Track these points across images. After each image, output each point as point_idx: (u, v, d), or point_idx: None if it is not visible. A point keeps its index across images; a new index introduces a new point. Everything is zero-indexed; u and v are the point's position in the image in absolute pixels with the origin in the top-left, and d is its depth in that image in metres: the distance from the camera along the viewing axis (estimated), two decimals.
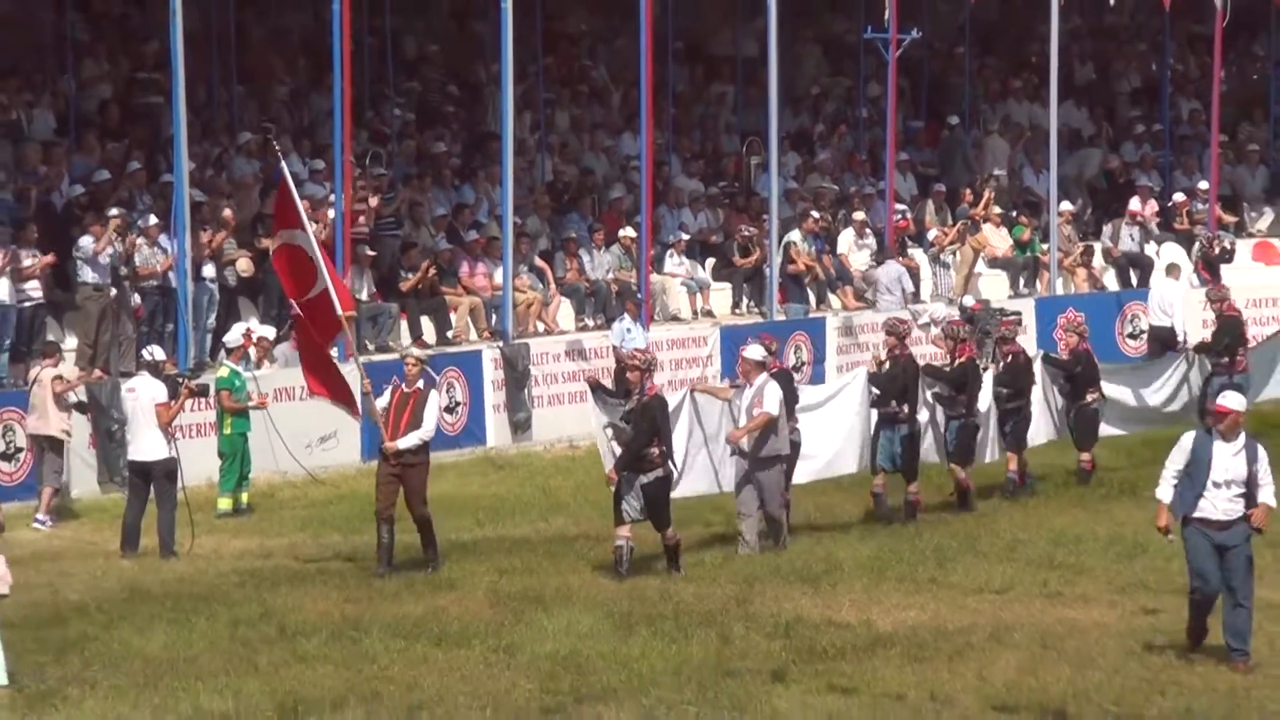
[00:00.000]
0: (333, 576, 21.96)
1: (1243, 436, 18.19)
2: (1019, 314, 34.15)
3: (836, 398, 26.26)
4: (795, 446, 24.19)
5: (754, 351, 23.57)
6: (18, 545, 23.49)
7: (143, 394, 23.91)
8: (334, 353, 24.81)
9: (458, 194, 35.22)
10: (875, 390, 25.59)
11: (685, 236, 36.07)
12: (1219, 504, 18.01)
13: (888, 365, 25.75)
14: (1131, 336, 31.23)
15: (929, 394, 26.04)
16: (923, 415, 26.34)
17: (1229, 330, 29.64)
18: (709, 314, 35.21)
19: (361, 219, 31.60)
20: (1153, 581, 21.66)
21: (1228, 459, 18.04)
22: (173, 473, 23.77)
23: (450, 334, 32.29)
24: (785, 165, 37.59)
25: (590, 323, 33.70)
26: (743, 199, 37.98)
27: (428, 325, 32.23)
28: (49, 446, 25.49)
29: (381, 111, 36.13)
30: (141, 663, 18.42)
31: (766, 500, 23.26)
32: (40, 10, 33.66)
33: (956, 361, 26.11)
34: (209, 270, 29.76)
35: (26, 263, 27.97)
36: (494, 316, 32.55)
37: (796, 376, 27.61)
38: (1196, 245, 40.76)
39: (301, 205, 24.38)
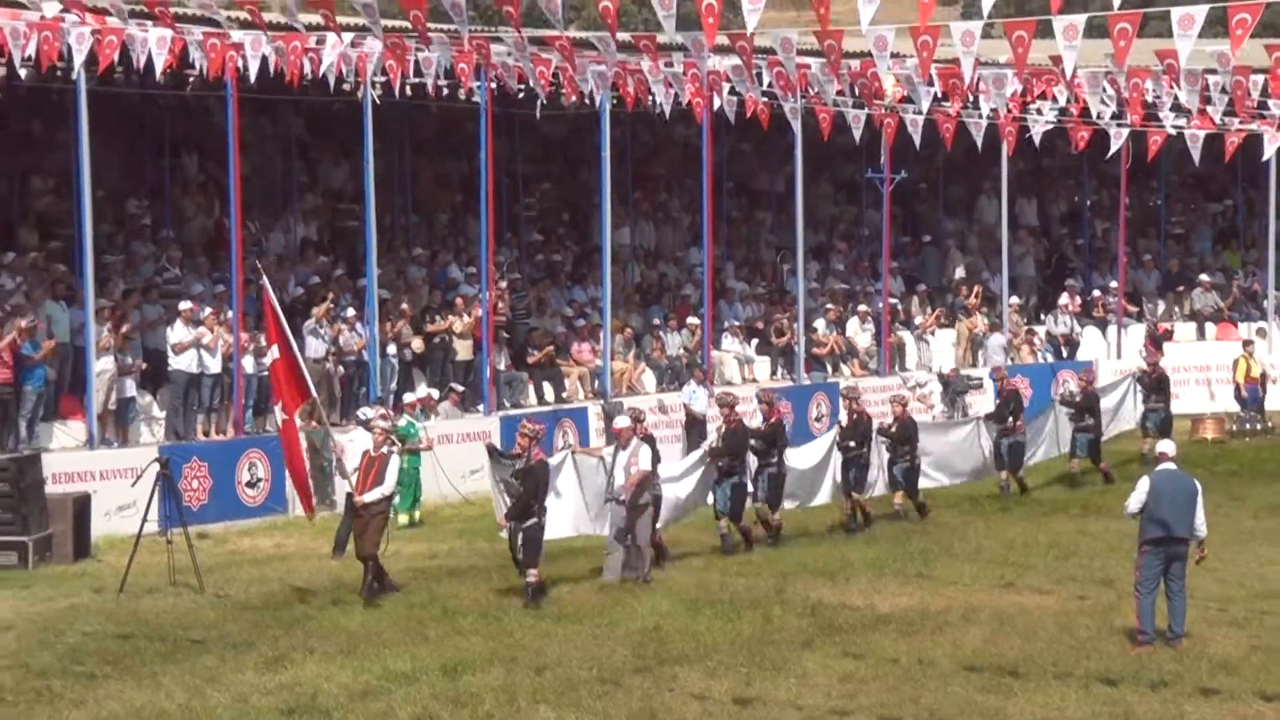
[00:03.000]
0: (481, 572, 21.95)
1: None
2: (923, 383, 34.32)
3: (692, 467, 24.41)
4: (657, 499, 22.23)
5: (621, 421, 22.40)
6: (259, 550, 23.99)
7: (359, 443, 23.59)
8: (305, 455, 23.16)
9: (571, 292, 35.27)
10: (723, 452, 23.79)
11: (736, 323, 36.06)
12: None
13: (725, 431, 24.12)
14: (1063, 401, 30.74)
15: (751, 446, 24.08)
16: (813, 458, 25.88)
17: (1011, 401, 29.03)
18: (754, 380, 35.21)
19: (500, 310, 31.83)
20: (1081, 575, 21.67)
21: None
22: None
23: (564, 395, 32.37)
24: (809, 271, 37.66)
25: (667, 386, 33.71)
26: (778, 295, 37.99)
27: (548, 389, 32.36)
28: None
29: (516, 232, 36.24)
30: (344, 635, 18.55)
31: (637, 538, 21.46)
32: (274, 162, 33.94)
33: (768, 422, 24.73)
34: (391, 349, 29.92)
35: (264, 342, 28.10)
36: (596, 382, 32.68)
37: (816, 426, 27.17)
38: (1145, 327, 40.81)
39: (282, 322, 22.03)
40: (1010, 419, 28.51)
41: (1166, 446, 18.79)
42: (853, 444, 25.57)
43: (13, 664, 17.15)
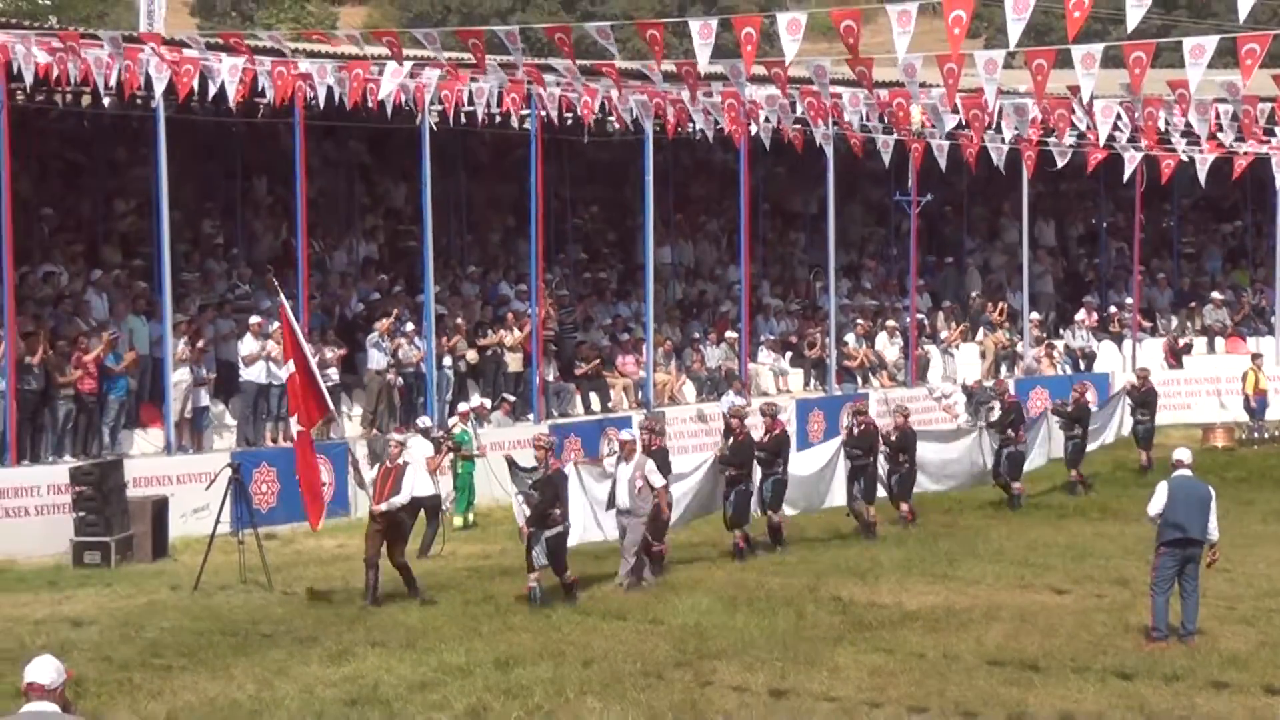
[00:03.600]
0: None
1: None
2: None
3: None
4: (670, 506, 21.97)
5: (627, 434, 22.11)
6: (323, 550, 24.00)
7: (417, 450, 24.00)
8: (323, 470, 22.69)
9: (615, 308, 35.32)
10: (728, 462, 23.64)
11: (772, 337, 36.06)
12: None
13: (732, 442, 24.04)
14: (1055, 411, 30.43)
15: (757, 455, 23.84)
16: (815, 464, 25.56)
17: (1013, 412, 28.78)
18: (788, 391, 35.21)
19: (549, 325, 31.89)
20: (1097, 575, 21.61)
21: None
22: (437, 504, 23.96)
23: (609, 405, 32.40)
24: (840, 288, 37.62)
25: (706, 396, 33.66)
26: (810, 311, 37.97)
27: (594, 399, 32.41)
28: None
29: (564, 250, 36.32)
30: (404, 630, 18.58)
31: (639, 542, 21.01)
32: (338, 185, 34.09)
33: (771, 434, 24.42)
34: (447, 361, 30.00)
35: (329, 355, 28.31)
36: (640, 392, 32.71)
37: (843, 435, 26.79)
38: (1166, 341, 40.79)
39: (299, 338, 21.65)
40: (1011, 430, 28.30)
41: (1183, 454, 18.69)
42: (859, 453, 25.43)
43: (95, 657, 17.24)
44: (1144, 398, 31.51)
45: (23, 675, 9.82)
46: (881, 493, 26.05)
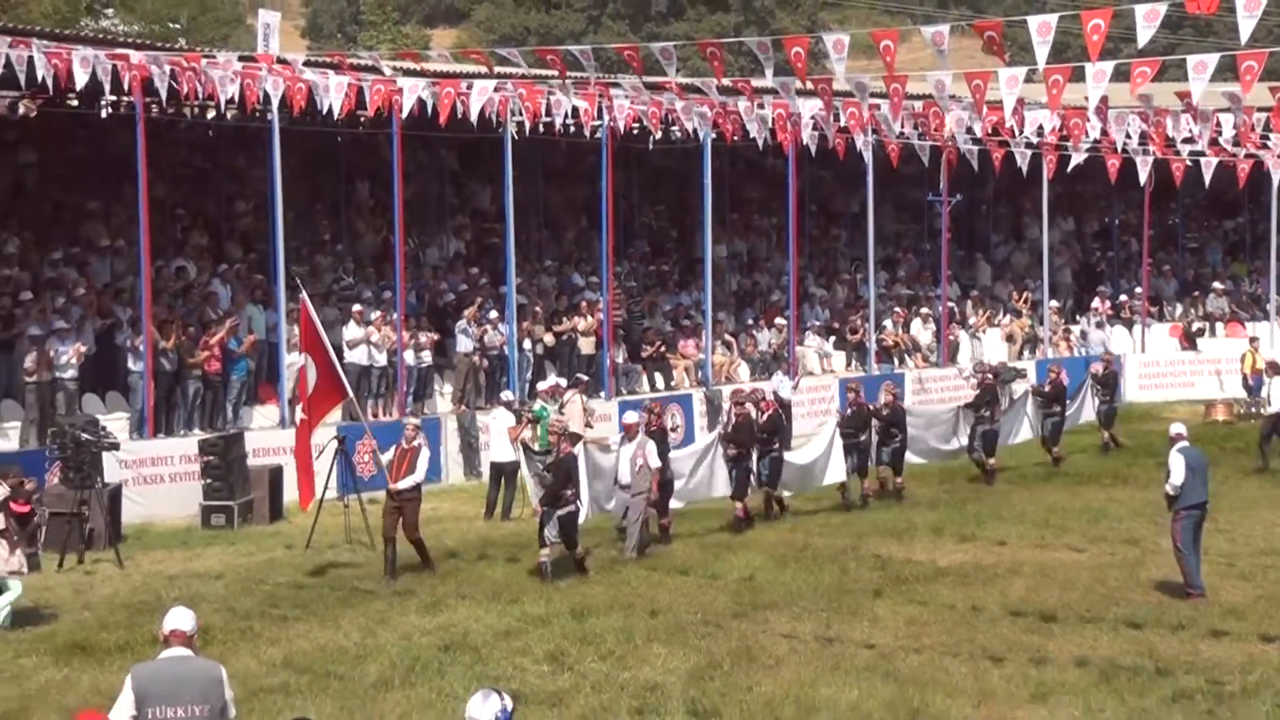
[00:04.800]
0: (603, 532, 21.76)
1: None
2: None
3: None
4: (669, 484, 21.54)
5: (630, 417, 21.37)
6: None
7: (501, 421, 24.10)
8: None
9: (677, 297, 35.23)
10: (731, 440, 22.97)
11: (817, 323, 35.90)
12: None
13: (734, 422, 23.18)
14: (1035, 391, 29.93)
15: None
16: (813, 453, 24.81)
17: (988, 394, 27.78)
18: (832, 371, 35.10)
19: (618, 312, 31.88)
20: (1110, 536, 21.51)
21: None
22: (515, 470, 24.01)
23: (672, 384, 32.35)
24: (878, 279, 37.42)
25: (759, 376, 33.50)
26: (852, 300, 37.83)
27: (659, 379, 32.39)
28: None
29: (631, 246, 36.31)
30: (490, 584, 18.71)
31: (641, 517, 20.45)
32: (430, 188, 34.16)
33: (766, 415, 23.55)
34: (527, 345, 30.03)
35: (423, 339, 28.40)
36: (699, 372, 32.65)
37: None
38: (1182, 326, 40.54)
39: (319, 332, 20.64)
40: (985, 409, 27.59)
41: (1180, 428, 18.55)
42: (853, 431, 25.02)
43: (221, 608, 17.42)
44: (1105, 380, 31.08)
45: (161, 624, 9.94)
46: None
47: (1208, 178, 33.29)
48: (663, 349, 32.68)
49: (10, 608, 16.86)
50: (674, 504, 22.25)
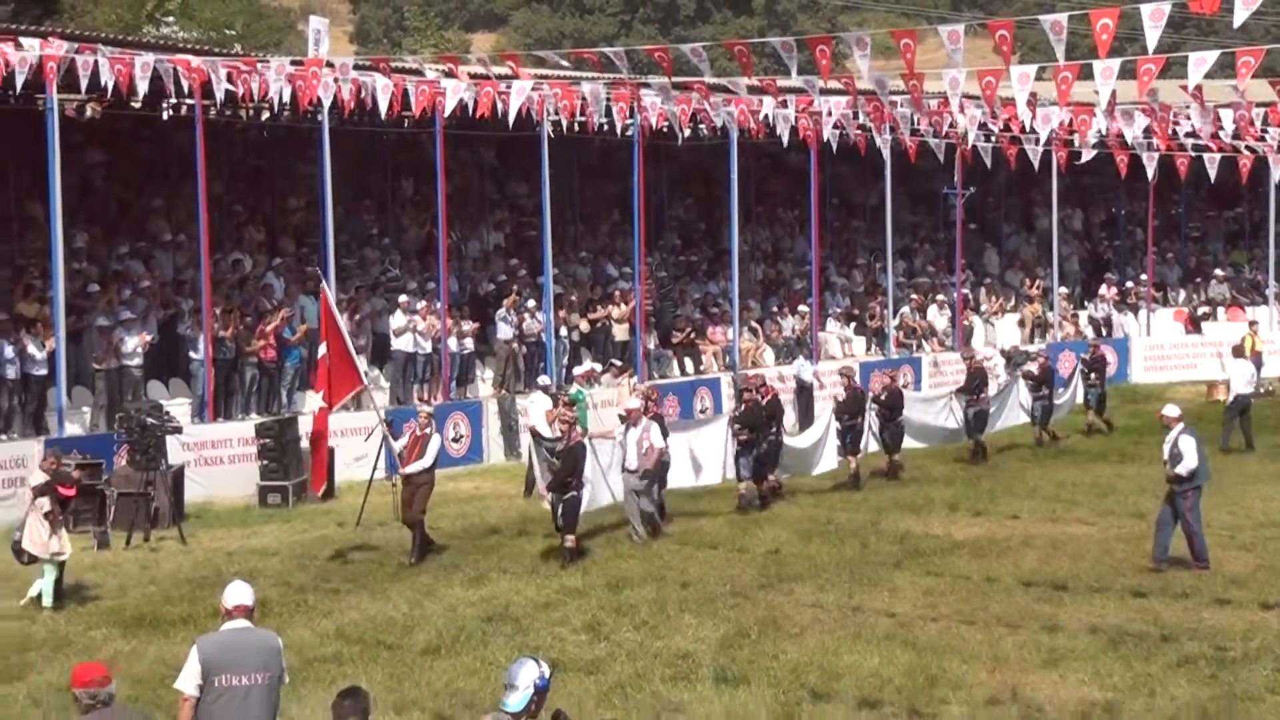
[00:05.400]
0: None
1: (1173, 430, 17.95)
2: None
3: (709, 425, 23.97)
4: (665, 464, 20.88)
5: (633, 402, 21.15)
6: (460, 492, 23.88)
7: (539, 403, 24.10)
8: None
9: (706, 286, 35.15)
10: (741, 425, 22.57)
11: (839, 310, 35.80)
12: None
13: (743, 408, 22.88)
14: (1025, 375, 29.58)
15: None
16: (811, 438, 24.75)
17: (977, 377, 27.53)
18: (852, 355, 34.95)
19: (649, 300, 31.83)
20: (1118, 510, 21.47)
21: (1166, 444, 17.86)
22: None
23: (701, 368, 32.29)
24: (896, 268, 37.30)
25: (783, 360, 33.40)
26: (871, 287, 37.70)
27: (689, 363, 32.33)
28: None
29: (662, 238, 36.26)
30: (529, 559, 18.66)
31: (646, 503, 20.09)
32: (471, 183, 34.15)
33: (765, 400, 23.12)
34: (563, 331, 29.98)
35: (465, 327, 28.39)
36: (727, 357, 32.61)
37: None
38: (1188, 310, 40.33)
39: (337, 322, 20.29)
40: (976, 393, 27.40)
41: (1174, 410, 18.38)
42: (848, 415, 24.82)
43: (277, 582, 17.51)
44: (1093, 364, 30.89)
45: (222, 598, 9.99)
46: (874, 446, 25.44)
47: (1213, 173, 33.17)
48: (692, 335, 32.62)
49: (45, 588, 16.50)
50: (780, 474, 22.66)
